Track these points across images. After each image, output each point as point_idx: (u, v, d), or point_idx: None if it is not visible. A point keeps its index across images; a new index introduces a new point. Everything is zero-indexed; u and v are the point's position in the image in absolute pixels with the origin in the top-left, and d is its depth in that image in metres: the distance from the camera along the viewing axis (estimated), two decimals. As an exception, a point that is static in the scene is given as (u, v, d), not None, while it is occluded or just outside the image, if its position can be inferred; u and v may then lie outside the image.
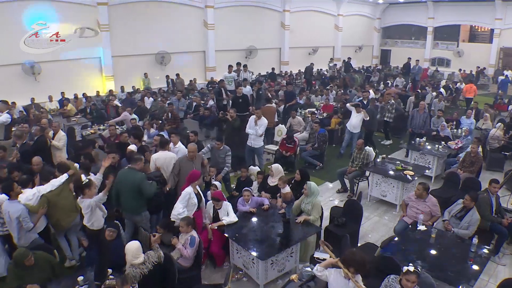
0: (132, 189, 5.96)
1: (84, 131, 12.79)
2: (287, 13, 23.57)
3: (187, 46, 20.27)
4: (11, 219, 5.54)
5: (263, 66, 23.03)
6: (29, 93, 15.51)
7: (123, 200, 6.15)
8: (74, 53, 16.87)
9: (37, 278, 4.68)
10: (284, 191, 6.87)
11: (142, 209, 6.14)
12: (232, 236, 5.86)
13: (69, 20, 16.41)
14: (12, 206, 5.56)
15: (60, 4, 16.00)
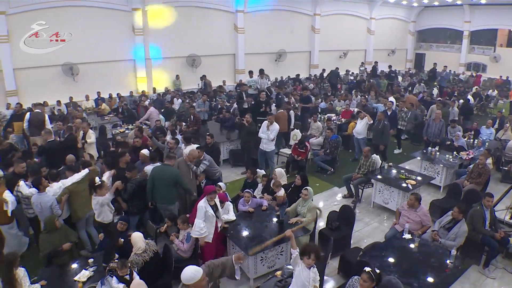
0: (169, 182, 7.01)
1: (114, 130, 13.61)
2: (317, 17, 23.79)
3: (218, 49, 20.90)
4: (42, 208, 6.41)
5: (292, 69, 23.46)
6: (68, 92, 16.67)
7: (159, 192, 7.10)
8: (110, 55, 17.89)
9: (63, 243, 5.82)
10: (279, 194, 7.32)
11: (176, 199, 7.20)
12: (227, 232, 6.43)
13: (107, 24, 17.41)
14: (43, 197, 6.46)
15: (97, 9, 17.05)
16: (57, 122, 13.31)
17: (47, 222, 5.90)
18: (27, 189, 6.65)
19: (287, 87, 20.21)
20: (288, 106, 13.59)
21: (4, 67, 15.42)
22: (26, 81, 16.17)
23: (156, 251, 5.61)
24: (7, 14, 14.87)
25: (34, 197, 6.53)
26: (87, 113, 15.57)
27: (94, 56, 17.35)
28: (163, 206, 7.24)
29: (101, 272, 5.35)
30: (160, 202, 7.22)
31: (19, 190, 6.76)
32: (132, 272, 5.05)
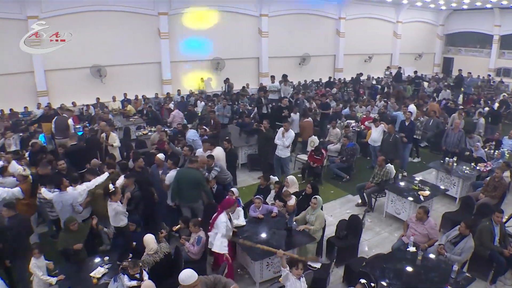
0: (193, 183, 7.51)
1: (137, 131, 14.03)
2: (342, 21, 23.74)
3: (242, 52, 21.18)
4: (63, 206, 6.90)
5: (316, 73, 23.59)
6: (96, 93, 17.36)
7: (184, 192, 7.55)
8: (137, 58, 18.41)
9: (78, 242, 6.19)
10: (289, 203, 7.50)
11: (199, 197, 7.70)
12: (236, 237, 6.62)
13: (133, 28, 17.95)
14: (64, 196, 6.94)
15: (125, 14, 17.62)
16: (84, 122, 13.89)
17: (67, 221, 6.31)
18: (50, 194, 7.06)
19: (309, 91, 20.31)
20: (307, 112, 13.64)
21: (35, 69, 16.17)
22: (56, 82, 16.92)
23: (168, 253, 5.91)
24: (40, 18, 15.52)
25: (56, 196, 6.97)
26: (113, 114, 16.08)
27: (121, 58, 17.94)
28: (188, 205, 7.69)
29: (115, 270, 5.72)
30: (185, 202, 7.66)
31: (42, 197, 7.25)
32: (142, 271, 5.37)
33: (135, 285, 5.15)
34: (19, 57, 15.51)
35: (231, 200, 6.57)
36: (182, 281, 4.06)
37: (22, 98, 16.19)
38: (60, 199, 6.92)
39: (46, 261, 5.79)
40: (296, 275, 4.90)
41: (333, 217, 8.87)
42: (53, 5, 15.87)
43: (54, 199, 6.96)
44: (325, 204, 9.45)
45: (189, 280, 4.07)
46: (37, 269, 5.58)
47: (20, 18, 15.51)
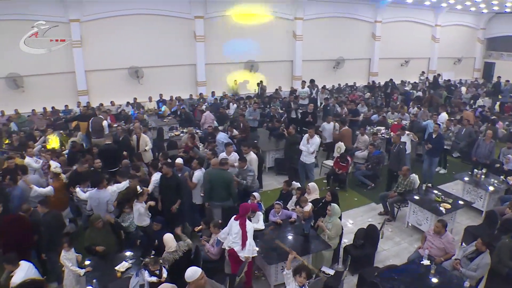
0: (224, 183, 7.92)
1: (170, 132, 14.49)
2: (378, 24, 23.50)
3: (275, 55, 21.40)
4: (99, 203, 7.41)
5: (351, 76, 23.46)
6: (133, 93, 18.04)
7: (215, 192, 7.97)
8: (172, 60, 19.01)
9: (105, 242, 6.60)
10: (305, 209, 7.69)
11: (230, 197, 8.00)
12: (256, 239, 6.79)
13: (170, 30, 18.54)
14: (101, 193, 7.46)
15: (163, 17, 18.25)
16: (121, 122, 14.48)
17: (92, 219, 6.76)
18: (83, 194, 7.58)
19: (342, 95, 20.27)
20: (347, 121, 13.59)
21: (76, 69, 17.03)
22: (95, 82, 17.77)
23: (186, 250, 6.25)
24: (81, 21, 16.38)
25: (92, 193, 7.47)
26: (148, 115, 16.68)
27: (158, 60, 18.58)
28: (219, 205, 8.03)
29: (138, 266, 6.14)
30: (216, 201, 8.03)
31: (76, 196, 7.80)
32: (162, 268, 5.75)
33: (154, 281, 5.52)
34: (62, 58, 16.52)
35: (247, 205, 6.72)
36: (189, 278, 4.38)
37: (63, 97, 17.07)
38: (97, 196, 7.42)
39: (76, 254, 6.25)
40: (299, 282, 5.05)
41: (354, 224, 8.97)
42: (93, 9, 16.74)
43: (90, 196, 7.46)
44: (348, 211, 9.65)
45: (194, 275, 4.37)
46: (67, 261, 6.03)
47: (63, 21, 16.35)
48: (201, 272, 4.44)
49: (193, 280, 4.36)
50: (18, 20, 15.66)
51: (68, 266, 6.02)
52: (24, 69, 16.34)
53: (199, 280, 4.39)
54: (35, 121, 15.12)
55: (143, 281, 5.55)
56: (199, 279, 4.38)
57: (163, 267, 5.77)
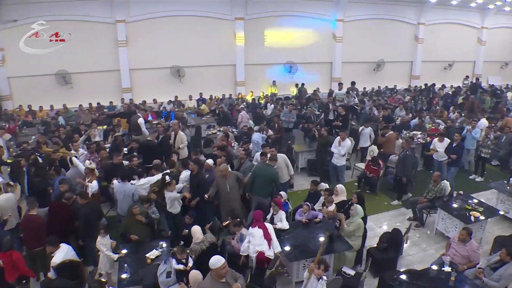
0: (267, 179, 8.36)
1: (208, 130, 14.93)
2: (421, 26, 23.02)
3: (315, 57, 21.51)
4: (125, 195, 7.95)
5: (391, 79, 23.15)
6: (175, 92, 18.78)
7: (257, 186, 8.41)
8: (213, 60, 19.56)
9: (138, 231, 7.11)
10: (329, 209, 7.90)
11: (270, 193, 8.40)
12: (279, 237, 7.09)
13: (211, 31, 19.11)
14: (126, 186, 8.00)
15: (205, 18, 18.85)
16: (161, 119, 15.07)
17: (131, 206, 7.34)
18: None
19: (381, 98, 20.06)
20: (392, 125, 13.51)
21: (121, 67, 17.88)
22: (139, 80, 18.64)
23: (212, 242, 6.64)
24: (127, 22, 17.18)
25: (118, 186, 8.05)
26: (187, 113, 17.23)
27: (199, 60, 19.24)
28: (258, 199, 8.41)
29: (167, 254, 6.57)
30: (257, 195, 8.46)
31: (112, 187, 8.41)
32: (188, 258, 6.14)
33: (181, 268, 5.94)
34: (108, 56, 17.51)
35: (259, 212, 6.99)
36: (212, 265, 4.82)
37: (108, 94, 18.04)
38: (123, 189, 7.97)
39: (110, 240, 6.76)
40: (317, 275, 5.34)
41: (382, 228, 9.01)
42: (139, 10, 17.61)
43: (116, 188, 8.06)
44: (377, 215, 9.71)
45: (216, 263, 4.80)
46: (102, 246, 6.58)
47: (110, 21, 17.29)
48: (224, 262, 4.84)
49: (215, 268, 4.79)
50: (67, 21, 16.77)
51: (103, 250, 6.56)
52: (72, 67, 17.39)
53: (221, 269, 4.79)
54: (81, 116, 16.01)
55: (170, 268, 5.97)
56: (221, 267, 4.78)
57: (189, 257, 6.14)
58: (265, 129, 13.13)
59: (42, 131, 13.47)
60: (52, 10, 16.58)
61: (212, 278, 4.88)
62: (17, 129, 14.59)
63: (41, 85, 17.46)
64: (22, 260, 6.28)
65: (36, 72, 17.12)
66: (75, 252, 6.49)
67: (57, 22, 16.65)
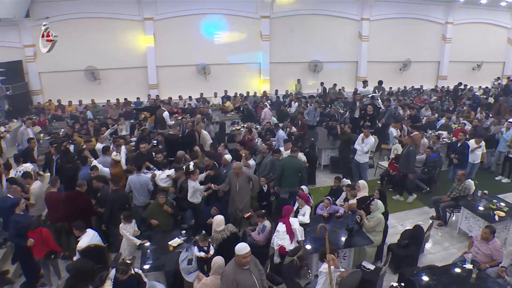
0: (295, 170, 8.75)
1: (231, 126, 15.14)
2: (449, 26, 22.56)
3: (340, 56, 21.45)
4: (141, 186, 8.26)
5: (417, 79, 22.85)
6: (200, 89, 19.07)
7: (286, 178, 8.75)
8: (238, 58, 19.76)
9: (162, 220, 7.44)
10: (350, 202, 7.95)
11: (298, 184, 8.66)
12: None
13: (237, 30, 19.32)
14: (141, 178, 8.36)
15: (230, 17, 19.04)
16: (186, 115, 15.32)
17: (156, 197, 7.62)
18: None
19: (407, 98, 19.84)
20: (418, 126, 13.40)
21: (148, 64, 18.25)
22: (165, 77, 18.97)
23: (233, 232, 6.75)
24: (154, 20, 17.54)
25: (133, 177, 8.32)
26: (212, 109, 17.46)
27: (224, 58, 19.44)
28: (286, 190, 8.76)
29: (188, 242, 6.77)
30: (286, 186, 8.80)
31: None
32: (210, 246, 6.26)
33: (202, 256, 6.07)
34: (135, 53, 17.96)
35: (289, 208, 7.06)
36: (237, 251, 4.92)
37: (135, 90, 18.51)
38: (137, 180, 8.25)
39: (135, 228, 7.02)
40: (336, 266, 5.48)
41: (404, 226, 8.92)
42: (166, 8, 17.97)
43: (132, 180, 8.28)
44: (399, 213, 9.66)
45: (241, 250, 4.91)
46: (125, 231, 6.82)
47: (138, 19, 17.70)
48: (248, 251, 4.92)
49: (240, 254, 4.88)
50: (97, 18, 17.28)
51: (125, 235, 6.78)
52: (101, 63, 17.89)
53: (243, 257, 4.87)
54: (108, 111, 16.39)
55: (192, 256, 6.11)
56: (243, 255, 4.87)
57: (211, 245, 6.27)
58: (288, 126, 13.23)
59: (70, 124, 13.85)
60: (82, 8, 17.13)
61: (235, 265, 4.97)
62: (47, 122, 15.14)
63: (70, 80, 18.03)
64: (50, 235, 6.70)
65: (66, 68, 17.70)
66: (100, 238, 6.72)
67: (87, 19, 17.28)
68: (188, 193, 8.00)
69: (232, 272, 4.92)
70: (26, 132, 12.09)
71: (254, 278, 4.96)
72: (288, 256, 6.47)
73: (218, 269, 5.37)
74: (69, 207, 7.23)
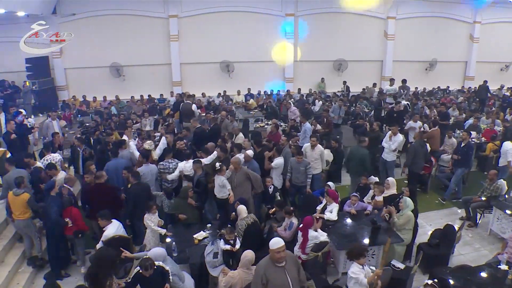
0: (360, 159, 9.34)
1: (255, 124, 15.12)
2: (477, 25, 21.97)
3: (365, 55, 21.15)
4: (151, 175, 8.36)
5: (444, 79, 22.34)
6: (223, 86, 19.06)
7: (352, 166, 9.61)
8: (262, 56, 19.72)
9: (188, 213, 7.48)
10: (377, 199, 7.80)
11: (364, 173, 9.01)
12: (326, 226, 7.11)
13: (261, 28, 19.32)
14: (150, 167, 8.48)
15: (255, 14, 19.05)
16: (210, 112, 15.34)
17: (183, 190, 7.67)
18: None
19: (433, 98, 19.46)
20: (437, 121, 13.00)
21: (172, 61, 18.38)
22: (189, 74, 19.06)
23: (256, 220, 6.80)
24: (179, 17, 17.64)
25: (144, 169, 8.34)
26: (236, 107, 17.45)
27: (248, 55, 19.39)
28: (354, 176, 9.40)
29: (214, 236, 6.75)
30: (352, 174, 9.62)
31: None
32: (236, 239, 6.20)
33: (228, 249, 6.01)
34: (160, 51, 18.17)
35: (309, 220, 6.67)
36: (271, 245, 4.70)
37: (159, 86, 18.68)
38: (148, 170, 8.31)
39: (158, 218, 7.01)
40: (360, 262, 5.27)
41: (432, 226, 8.68)
42: (191, 6, 18.12)
43: (143, 171, 8.27)
44: (427, 213, 9.47)
45: (275, 244, 4.68)
46: (149, 221, 6.82)
47: (163, 16, 17.92)
48: (282, 246, 4.70)
49: (273, 248, 4.67)
50: (122, 15, 17.57)
51: (150, 226, 6.79)
52: (125, 60, 18.14)
53: (276, 252, 4.66)
54: (133, 107, 16.52)
55: (217, 250, 6.06)
56: (276, 250, 4.66)
57: (237, 238, 6.20)
58: (313, 123, 13.08)
59: (95, 119, 14.03)
60: (108, 5, 17.37)
61: (269, 260, 4.79)
62: (72, 117, 15.36)
63: (95, 76, 18.34)
64: (80, 215, 7.13)
65: (91, 64, 18.02)
66: (124, 229, 6.75)
67: (112, 16, 17.52)
68: (215, 188, 7.91)
69: (263, 267, 4.75)
70: (51, 125, 12.27)
71: (288, 278, 4.72)
72: (312, 252, 6.36)
73: (247, 263, 5.29)
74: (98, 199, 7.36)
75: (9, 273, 6.87)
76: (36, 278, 7.25)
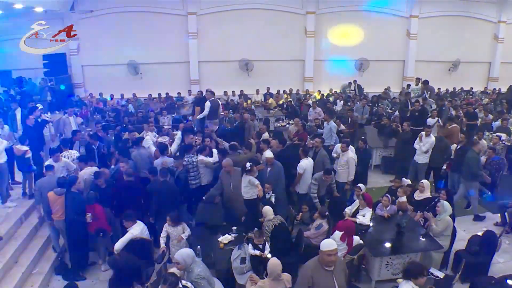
0: (439, 149, 9.51)
1: (276, 123, 14.91)
2: (502, 25, 21.23)
3: (386, 54, 20.64)
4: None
5: (467, 80, 21.68)
6: (241, 85, 18.84)
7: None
8: (281, 54, 19.43)
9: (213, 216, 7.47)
10: (401, 200, 7.47)
11: (441, 163, 9.52)
12: (359, 231, 6.72)
13: (281, 25, 18.97)
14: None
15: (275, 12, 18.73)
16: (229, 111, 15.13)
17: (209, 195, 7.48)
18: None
19: (457, 99, 18.93)
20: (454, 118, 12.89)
21: (190, 60, 18.20)
22: (207, 72, 18.90)
23: (283, 221, 6.49)
24: (197, 14, 17.47)
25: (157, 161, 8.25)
26: (255, 106, 17.18)
27: (268, 54, 19.11)
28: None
29: (240, 240, 6.43)
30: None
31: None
32: (265, 244, 5.88)
33: (257, 254, 5.68)
34: (178, 48, 18.08)
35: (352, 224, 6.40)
36: (323, 246, 4.46)
37: (176, 85, 18.50)
38: (161, 161, 8.12)
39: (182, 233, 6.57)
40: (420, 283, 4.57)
41: (466, 232, 8.28)
42: (210, 3, 17.94)
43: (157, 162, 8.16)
44: (459, 217, 8.90)
45: (327, 246, 4.43)
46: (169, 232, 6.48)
47: (181, 14, 17.80)
48: (335, 249, 4.44)
49: (324, 250, 4.40)
50: (140, 12, 17.64)
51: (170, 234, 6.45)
52: (143, 57, 18.05)
53: (326, 254, 4.39)
54: (150, 105, 16.34)
55: (245, 254, 5.76)
56: (329, 252, 4.38)
57: (266, 243, 5.88)
58: (337, 123, 12.71)
59: (112, 117, 13.87)
60: (126, 2, 17.32)
61: (318, 262, 4.51)
62: (89, 114, 15.20)
63: (112, 74, 18.23)
64: (103, 213, 6.95)
65: (108, 61, 17.94)
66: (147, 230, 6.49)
67: (130, 13, 17.44)
68: (242, 189, 7.48)
69: (311, 269, 4.49)
70: (68, 121, 12.14)
71: (336, 283, 4.43)
72: (348, 255, 6.00)
73: (275, 274, 4.88)
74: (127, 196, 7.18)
75: (23, 274, 6.57)
76: (51, 280, 6.99)
